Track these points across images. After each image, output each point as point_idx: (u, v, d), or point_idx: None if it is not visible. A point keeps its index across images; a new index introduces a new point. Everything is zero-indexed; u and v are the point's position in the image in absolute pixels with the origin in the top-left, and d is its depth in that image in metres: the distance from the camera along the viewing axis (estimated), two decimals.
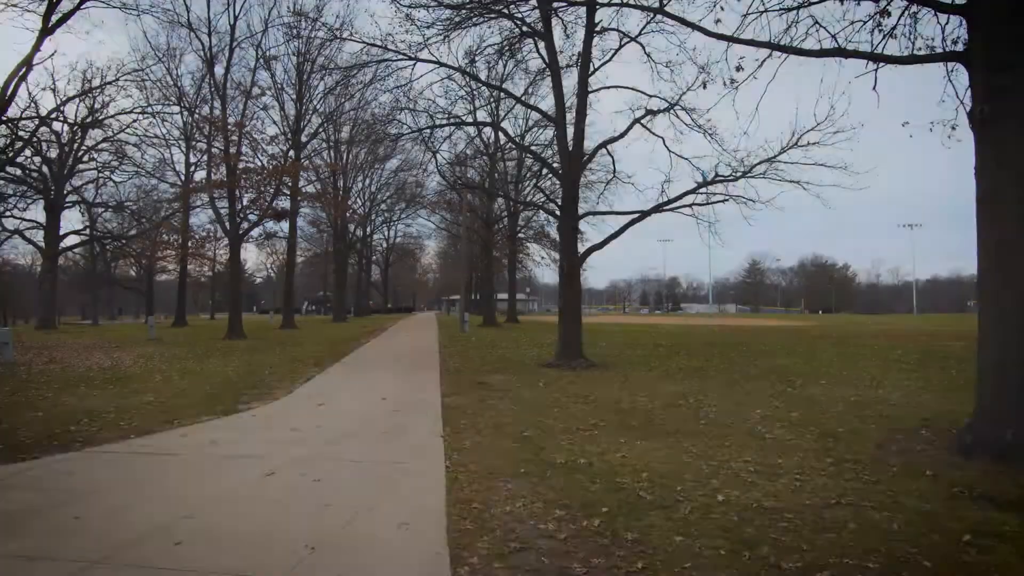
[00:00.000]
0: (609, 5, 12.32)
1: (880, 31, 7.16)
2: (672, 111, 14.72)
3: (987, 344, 6.28)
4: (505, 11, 14.01)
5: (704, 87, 7.77)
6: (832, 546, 3.92)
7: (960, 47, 7.35)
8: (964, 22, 6.74)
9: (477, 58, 16.07)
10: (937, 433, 7.26)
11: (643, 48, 14.45)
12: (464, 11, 13.47)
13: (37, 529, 4.31)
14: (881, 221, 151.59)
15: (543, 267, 49.22)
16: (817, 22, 7.01)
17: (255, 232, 29.19)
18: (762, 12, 7.66)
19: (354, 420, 8.14)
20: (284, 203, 28.33)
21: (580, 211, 15.96)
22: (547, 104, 32.19)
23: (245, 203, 24.97)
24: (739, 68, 7.53)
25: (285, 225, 32.10)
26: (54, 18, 14.22)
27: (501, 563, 3.71)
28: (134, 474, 5.74)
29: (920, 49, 7.66)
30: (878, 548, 3.89)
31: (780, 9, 7.34)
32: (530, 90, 27.49)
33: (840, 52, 7.10)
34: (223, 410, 8.90)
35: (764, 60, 7.33)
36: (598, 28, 14.36)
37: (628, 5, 10.86)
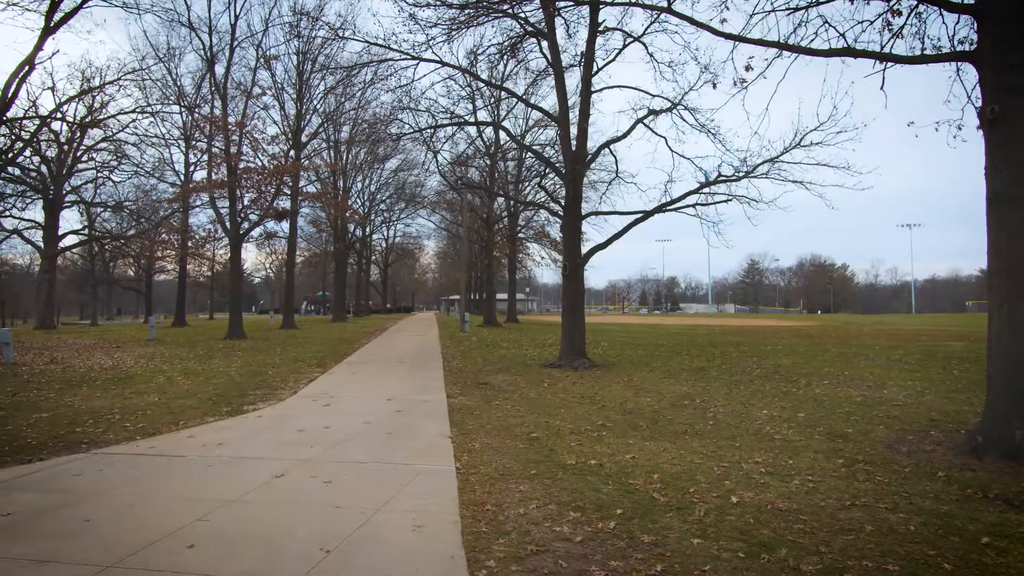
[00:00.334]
0: (613, 4, 12.28)
1: (889, 30, 7.14)
2: (675, 111, 14.73)
3: (997, 344, 6.27)
4: (510, 11, 13.98)
5: (714, 87, 7.73)
6: (850, 548, 3.89)
7: (967, 47, 7.35)
8: (974, 22, 6.72)
9: (479, 58, 16.05)
10: (946, 434, 7.25)
11: (646, 48, 14.45)
12: (469, 10, 13.43)
13: (46, 532, 4.27)
14: (880, 221, 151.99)
15: (543, 267, 49.28)
16: (827, 22, 7.00)
17: (255, 232, 29.07)
18: (769, 12, 7.65)
19: (360, 421, 8.10)
20: (284, 203, 28.27)
21: (583, 211, 15.91)
22: (547, 104, 32.26)
23: (246, 203, 24.90)
24: (748, 68, 7.51)
25: (285, 225, 32.02)
26: (56, 17, 14.16)
27: (518, 566, 3.68)
28: (142, 476, 5.69)
29: (926, 49, 7.65)
30: (896, 550, 3.87)
31: (788, 9, 7.32)
32: (531, 90, 27.44)
33: (849, 52, 7.08)
34: (229, 411, 8.86)
35: (773, 59, 7.31)
36: (601, 28, 14.34)
37: (634, 4, 10.81)
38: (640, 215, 14.81)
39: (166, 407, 9.10)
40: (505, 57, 17.39)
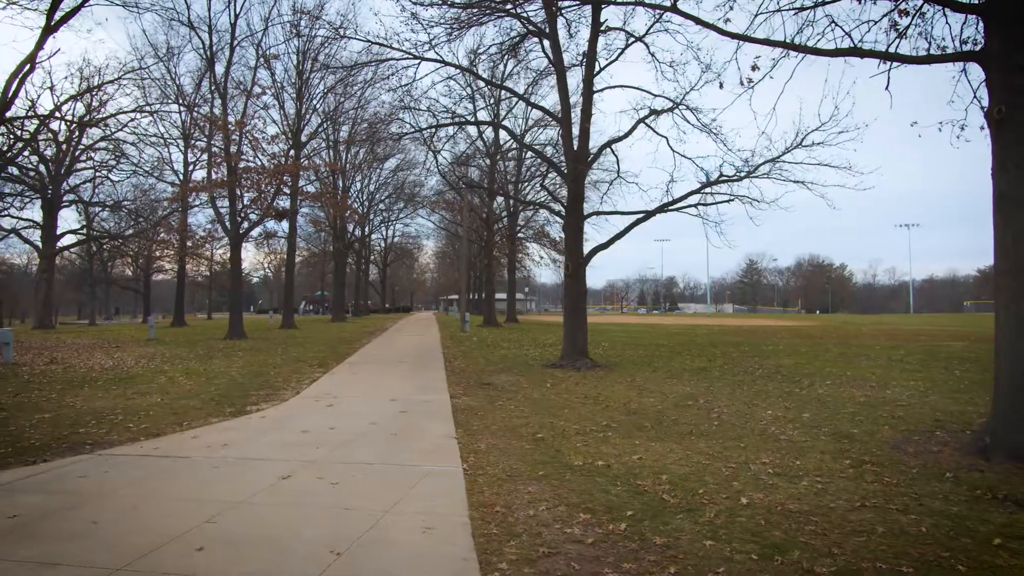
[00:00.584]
0: (617, 3, 12.27)
1: (895, 30, 7.13)
2: (677, 110, 14.72)
3: (1004, 344, 6.26)
4: (512, 10, 13.96)
5: (720, 87, 7.70)
6: (863, 550, 3.88)
7: (970, 47, 7.34)
8: (980, 22, 6.71)
9: (481, 58, 16.04)
10: (951, 434, 7.25)
11: (647, 48, 14.44)
12: (471, 10, 13.39)
13: (54, 534, 4.24)
14: (878, 221, 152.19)
15: (542, 267, 49.24)
16: (834, 21, 6.98)
17: (255, 232, 29.02)
18: (775, 11, 7.63)
19: (365, 422, 8.08)
20: (284, 203, 28.21)
21: (585, 211, 15.88)
22: (547, 103, 32.22)
23: (246, 202, 24.83)
24: (755, 67, 7.50)
25: (285, 224, 31.96)
26: (57, 16, 14.08)
27: (531, 569, 3.66)
28: (147, 477, 5.66)
29: (931, 49, 7.63)
30: (909, 552, 3.85)
31: (794, 8, 7.30)
32: (530, 90, 27.45)
33: (856, 52, 7.06)
34: (232, 411, 8.82)
35: (780, 59, 7.29)
36: (603, 28, 14.32)
37: (638, 3, 10.79)
38: (642, 215, 14.80)
39: (169, 408, 9.06)
40: (505, 57, 17.40)
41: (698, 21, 8.34)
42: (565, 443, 6.89)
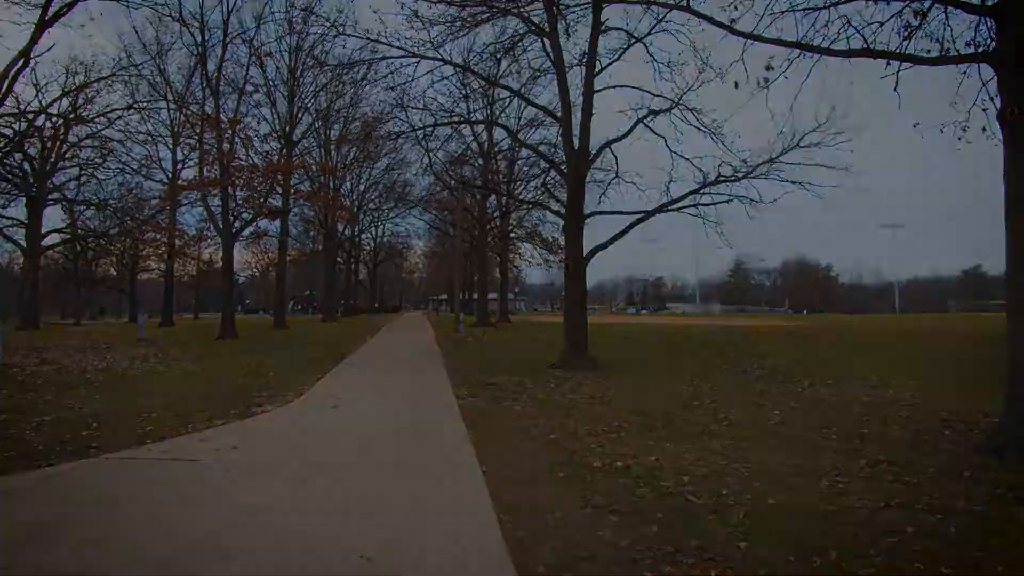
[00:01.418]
0: (622, 1, 12.26)
1: (907, 31, 7.16)
2: (676, 110, 14.76)
3: (1017, 346, 6.31)
4: (515, 9, 13.90)
5: (736, 86, 7.64)
6: (899, 551, 3.88)
7: (974, 48, 7.40)
8: (993, 24, 6.76)
9: (482, 56, 15.98)
10: (961, 434, 7.31)
11: (646, 48, 14.47)
12: (472, 8, 13.32)
13: (73, 541, 4.12)
14: (866, 221, 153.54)
15: (533, 266, 49.14)
16: (849, 22, 7.01)
17: (246, 231, 28.63)
18: (786, 11, 7.65)
19: (374, 423, 7.98)
20: (277, 201, 27.89)
21: (585, 211, 15.85)
22: (541, 102, 32.10)
23: (239, 201, 24.52)
24: (769, 67, 7.50)
25: (277, 224, 31.61)
26: (52, 10, 13.77)
27: (570, 573, 3.61)
28: (160, 482, 5.53)
29: (942, 51, 7.67)
30: (945, 552, 3.85)
31: (807, 9, 7.32)
32: (524, 88, 27.29)
33: (869, 52, 7.09)
34: (236, 413, 8.66)
35: (795, 59, 7.30)
36: (604, 27, 14.30)
37: (647, 2, 10.78)
38: (643, 215, 14.82)
39: (171, 409, 8.88)
40: (502, 56, 17.33)
41: (710, 20, 8.34)
42: (579, 444, 6.85)
